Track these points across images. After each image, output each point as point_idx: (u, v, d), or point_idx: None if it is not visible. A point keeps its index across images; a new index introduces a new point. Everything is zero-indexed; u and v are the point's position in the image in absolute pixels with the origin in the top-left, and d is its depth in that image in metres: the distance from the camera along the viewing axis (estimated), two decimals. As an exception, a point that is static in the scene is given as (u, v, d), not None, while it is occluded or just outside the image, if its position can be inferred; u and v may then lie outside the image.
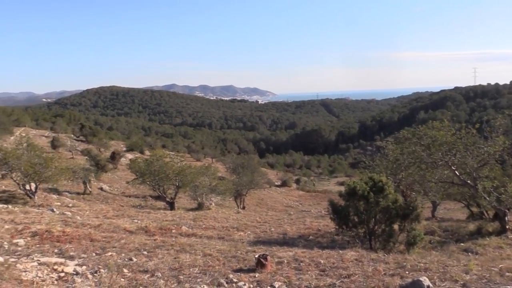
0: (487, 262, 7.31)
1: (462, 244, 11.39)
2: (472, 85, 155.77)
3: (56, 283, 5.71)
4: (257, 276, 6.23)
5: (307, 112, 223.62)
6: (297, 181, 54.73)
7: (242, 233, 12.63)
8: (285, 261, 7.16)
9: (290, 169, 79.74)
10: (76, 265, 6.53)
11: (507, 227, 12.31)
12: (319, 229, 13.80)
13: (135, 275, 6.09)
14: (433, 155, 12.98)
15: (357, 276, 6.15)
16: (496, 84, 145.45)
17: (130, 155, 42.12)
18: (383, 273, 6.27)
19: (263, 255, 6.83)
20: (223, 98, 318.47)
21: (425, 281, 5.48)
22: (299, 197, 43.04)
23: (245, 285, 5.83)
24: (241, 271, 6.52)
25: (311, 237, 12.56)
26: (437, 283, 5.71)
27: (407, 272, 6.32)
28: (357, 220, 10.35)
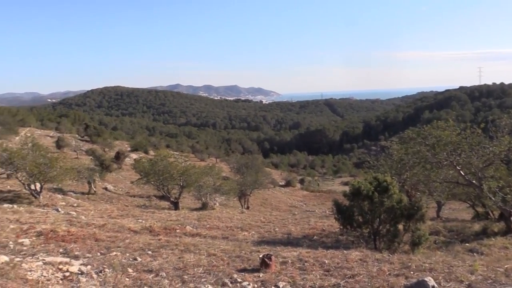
0: (493, 262, 7.26)
1: (467, 244, 11.34)
2: (477, 84, 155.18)
3: (61, 282, 5.73)
4: (261, 276, 6.22)
5: (311, 112, 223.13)
6: (301, 181, 54.59)
7: (246, 233, 12.63)
8: (290, 261, 7.14)
9: (294, 169, 79.76)
10: (81, 264, 6.55)
11: (513, 227, 12.24)
12: (324, 229, 13.78)
13: (139, 274, 6.11)
14: (438, 155, 12.91)
15: (361, 276, 6.13)
16: (501, 83, 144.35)
17: (134, 155, 42.18)
18: (387, 273, 6.25)
19: (268, 255, 6.82)
20: (227, 98, 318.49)
21: (430, 282, 5.45)
22: (303, 197, 42.97)
23: (249, 285, 5.82)
24: (245, 271, 6.52)
25: (315, 237, 12.54)
26: (442, 284, 5.68)
27: (412, 272, 6.29)
28: (361, 220, 10.31)
